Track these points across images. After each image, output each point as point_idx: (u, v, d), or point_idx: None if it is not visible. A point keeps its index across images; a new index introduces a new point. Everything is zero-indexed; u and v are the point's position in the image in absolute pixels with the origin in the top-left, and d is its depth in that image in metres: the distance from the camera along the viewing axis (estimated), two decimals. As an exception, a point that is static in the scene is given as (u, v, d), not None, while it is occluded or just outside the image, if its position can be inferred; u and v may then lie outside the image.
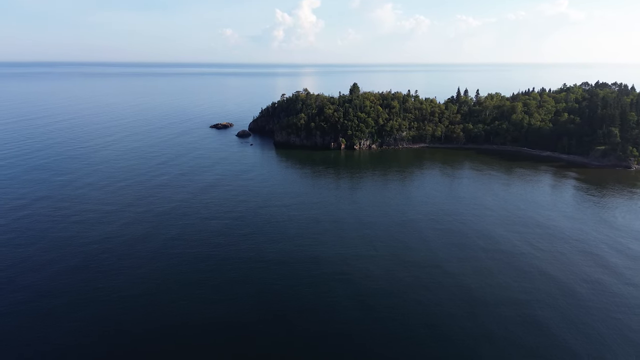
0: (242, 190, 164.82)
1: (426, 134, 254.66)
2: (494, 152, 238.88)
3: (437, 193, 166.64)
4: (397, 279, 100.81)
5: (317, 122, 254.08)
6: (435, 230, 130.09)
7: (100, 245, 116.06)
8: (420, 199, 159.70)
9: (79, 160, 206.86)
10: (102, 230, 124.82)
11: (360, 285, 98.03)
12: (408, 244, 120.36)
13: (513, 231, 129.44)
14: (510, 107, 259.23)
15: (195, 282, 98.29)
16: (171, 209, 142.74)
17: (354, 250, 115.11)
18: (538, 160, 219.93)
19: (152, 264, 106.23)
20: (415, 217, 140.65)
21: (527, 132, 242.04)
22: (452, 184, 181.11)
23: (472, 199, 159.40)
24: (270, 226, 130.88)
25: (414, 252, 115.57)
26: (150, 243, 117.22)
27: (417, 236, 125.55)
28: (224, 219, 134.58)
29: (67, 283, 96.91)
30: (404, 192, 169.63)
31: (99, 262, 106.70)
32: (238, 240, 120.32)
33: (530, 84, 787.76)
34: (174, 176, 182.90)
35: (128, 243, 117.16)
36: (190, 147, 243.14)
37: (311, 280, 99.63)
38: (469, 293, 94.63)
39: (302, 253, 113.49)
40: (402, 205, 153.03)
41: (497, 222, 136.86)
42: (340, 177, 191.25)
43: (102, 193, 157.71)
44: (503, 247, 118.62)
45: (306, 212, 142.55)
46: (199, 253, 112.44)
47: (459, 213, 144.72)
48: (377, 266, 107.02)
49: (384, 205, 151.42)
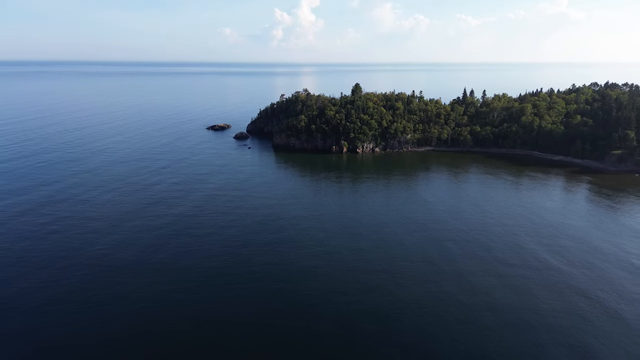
0: (240, 203, 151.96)
1: (432, 137, 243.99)
2: (503, 155, 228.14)
3: (449, 200, 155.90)
4: (422, 300, 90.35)
5: (318, 124, 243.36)
6: (455, 241, 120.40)
7: (81, 275, 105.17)
8: (431, 206, 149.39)
9: (66, 168, 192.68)
10: (83, 255, 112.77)
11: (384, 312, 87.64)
12: (429, 257, 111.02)
13: (539, 243, 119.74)
14: (520, 108, 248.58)
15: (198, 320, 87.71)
16: (164, 225, 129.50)
17: (373, 270, 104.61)
18: (550, 164, 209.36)
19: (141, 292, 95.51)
20: (431, 227, 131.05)
21: (538, 135, 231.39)
22: (463, 189, 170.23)
23: (487, 206, 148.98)
24: (273, 244, 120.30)
25: (435, 266, 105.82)
26: (138, 269, 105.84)
27: (437, 248, 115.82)
28: (221, 239, 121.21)
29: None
30: (413, 198, 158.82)
31: (82, 293, 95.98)
32: (236, 263, 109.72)
33: (533, 83, 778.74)
34: (168, 186, 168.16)
35: (114, 268, 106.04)
36: (187, 153, 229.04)
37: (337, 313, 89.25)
38: (504, 315, 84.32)
39: (324, 283, 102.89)
40: (414, 213, 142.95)
41: (520, 232, 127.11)
42: (345, 183, 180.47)
43: (87, 207, 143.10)
44: (531, 261, 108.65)
45: (317, 230, 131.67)
46: (197, 283, 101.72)
47: (475, 221, 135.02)
48: (395, 283, 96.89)
49: (395, 213, 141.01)
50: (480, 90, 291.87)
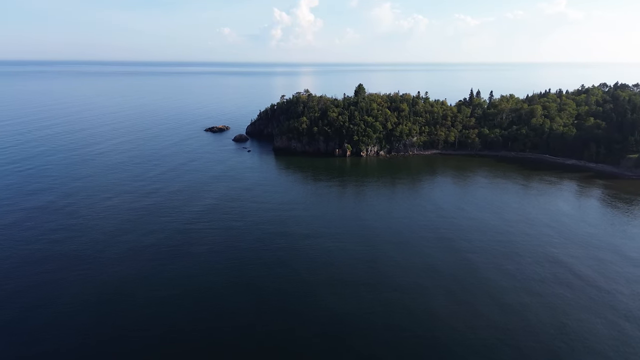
0: (241, 216, 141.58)
1: (438, 140, 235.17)
2: (512, 159, 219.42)
3: (463, 206, 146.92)
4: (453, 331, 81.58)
5: (320, 127, 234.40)
6: (476, 253, 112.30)
7: (68, 297, 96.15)
8: (445, 213, 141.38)
9: (57, 175, 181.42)
10: (68, 280, 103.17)
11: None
12: (453, 271, 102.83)
13: (569, 254, 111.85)
14: (529, 110, 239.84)
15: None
16: (161, 240, 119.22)
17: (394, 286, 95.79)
18: (563, 169, 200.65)
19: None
20: (449, 236, 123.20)
21: (549, 137, 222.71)
22: (477, 195, 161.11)
23: (505, 213, 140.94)
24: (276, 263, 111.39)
25: (460, 282, 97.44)
26: (133, 295, 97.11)
27: (459, 261, 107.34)
28: (224, 261, 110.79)
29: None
30: (424, 205, 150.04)
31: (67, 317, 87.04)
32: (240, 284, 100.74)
33: (535, 84, 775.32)
34: (164, 196, 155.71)
35: (109, 287, 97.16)
36: (184, 157, 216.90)
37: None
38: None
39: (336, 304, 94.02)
40: (429, 221, 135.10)
41: (545, 242, 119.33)
42: (353, 189, 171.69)
43: (78, 221, 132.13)
44: (564, 276, 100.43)
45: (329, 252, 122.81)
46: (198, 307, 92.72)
47: (494, 230, 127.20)
48: (420, 302, 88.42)
49: (408, 222, 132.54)
50: (485, 90, 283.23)
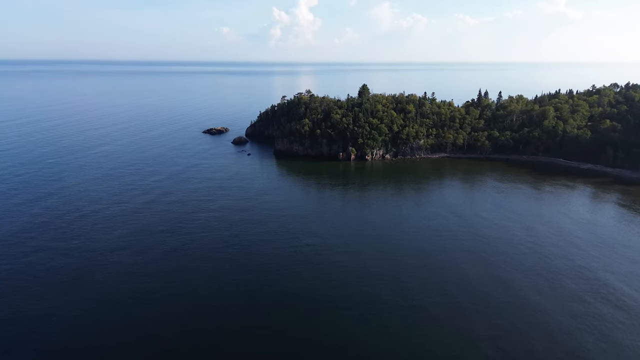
0: (244, 233, 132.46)
1: (446, 143, 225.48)
2: (524, 163, 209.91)
3: (482, 213, 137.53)
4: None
5: (323, 129, 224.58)
6: (506, 268, 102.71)
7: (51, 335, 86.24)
8: (464, 221, 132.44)
9: (47, 184, 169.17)
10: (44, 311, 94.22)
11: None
12: (483, 287, 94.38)
13: (609, 270, 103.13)
14: (541, 111, 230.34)
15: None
16: (155, 261, 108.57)
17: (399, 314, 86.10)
18: (578, 173, 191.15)
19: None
20: (471, 247, 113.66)
21: (562, 140, 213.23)
22: (494, 201, 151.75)
23: (529, 222, 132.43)
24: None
25: (494, 298, 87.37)
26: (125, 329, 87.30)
27: (487, 274, 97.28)
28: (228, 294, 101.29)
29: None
30: (440, 212, 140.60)
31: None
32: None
33: (538, 84, 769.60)
34: (159, 209, 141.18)
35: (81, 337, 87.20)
36: (182, 164, 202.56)
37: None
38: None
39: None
40: (448, 230, 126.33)
41: (578, 255, 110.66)
42: (362, 196, 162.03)
43: (65, 235, 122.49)
44: (608, 295, 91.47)
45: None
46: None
47: (521, 242, 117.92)
48: (455, 324, 78.61)
49: (428, 231, 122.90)
50: (491, 91, 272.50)
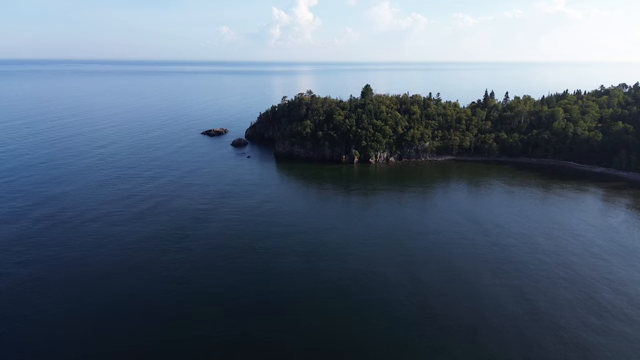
0: (249, 245, 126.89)
1: (452, 145, 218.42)
2: (534, 166, 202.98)
3: (498, 220, 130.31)
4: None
5: (325, 131, 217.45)
6: (540, 289, 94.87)
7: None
8: (484, 229, 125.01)
9: (39, 191, 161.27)
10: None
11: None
12: (514, 304, 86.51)
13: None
14: (550, 113, 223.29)
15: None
16: (152, 289, 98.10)
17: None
18: (591, 177, 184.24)
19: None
20: (497, 260, 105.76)
21: (573, 143, 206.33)
22: (509, 208, 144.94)
23: (553, 229, 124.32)
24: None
25: (531, 317, 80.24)
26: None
27: (523, 299, 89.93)
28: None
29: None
30: (457, 218, 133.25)
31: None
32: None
33: (545, 83, 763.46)
34: (158, 219, 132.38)
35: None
36: (180, 169, 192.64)
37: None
38: None
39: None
40: (468, 238, 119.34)
41: (615, 268, 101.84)
42: (369, 200, 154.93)
43: (51, 251, 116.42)
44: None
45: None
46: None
47: (546, 250, 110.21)
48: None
49: (447, 242, 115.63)
50: (496, 91, 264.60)
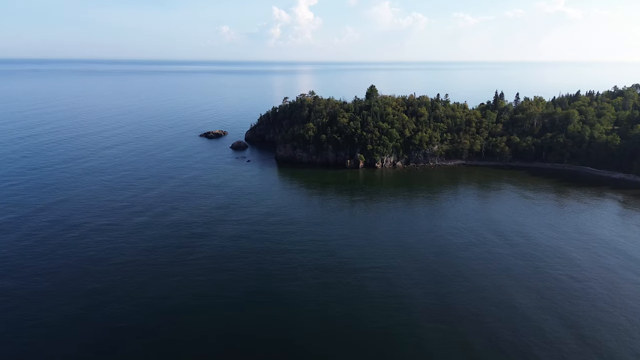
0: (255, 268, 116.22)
1: (462, 149, 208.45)
2: (548, 172, 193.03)
3: (525, 230, 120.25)
4: None
5: (329, 134, 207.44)
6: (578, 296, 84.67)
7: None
8: (508, 240, 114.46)
9: (23, 201, 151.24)
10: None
11: None
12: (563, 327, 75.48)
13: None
14: (564, 115, 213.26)
15: None
16: (159, 322, 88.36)
17: None
18: (610, 184, 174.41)
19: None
20: (529, 278, 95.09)
21: (589, 147, 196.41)
22: (530, 215, 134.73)
23: (588, 241, 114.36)
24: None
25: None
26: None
27: (571, 327, 79.87)
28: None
29: None
30: (479, 229, 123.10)
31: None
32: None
33: (545, 83, 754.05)
34: (155, 234, 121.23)
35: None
36: (177, 176, 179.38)
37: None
38: None
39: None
40: (493, 252, 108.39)
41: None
42: (380, 209, 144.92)
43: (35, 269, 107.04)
44: None
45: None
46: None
47: (583, 265, 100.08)
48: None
49: (476, 258, 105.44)
50: (500, 91, 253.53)
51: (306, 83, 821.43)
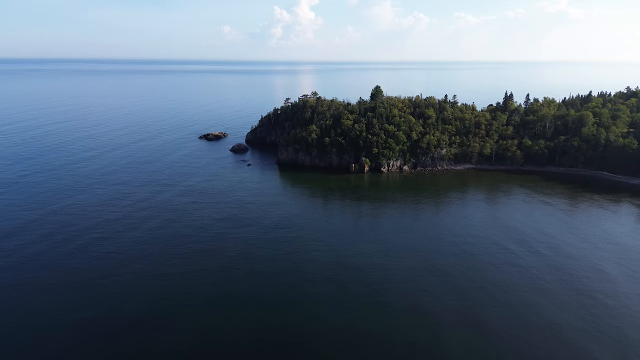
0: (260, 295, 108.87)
1: (472, 152, 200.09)
2: (563, 177, 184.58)
3: (556, 242, 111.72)
4: None
5: (332, 137, 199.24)
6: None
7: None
8: (543, 254, 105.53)
9: (8, 210, 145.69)
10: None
11: None
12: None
13: None
14: (577, 117, 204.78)
15: None
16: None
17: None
18: (628, 190, 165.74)
19: None
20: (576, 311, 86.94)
21: (605, 150, 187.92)
22: (557, 224, 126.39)
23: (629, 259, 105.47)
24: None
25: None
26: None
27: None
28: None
29: None
30: (506, 242, 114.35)
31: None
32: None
33: (550, 83, 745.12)
34: (152, 250, 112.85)
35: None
36: (175, 183, 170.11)
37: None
38: None
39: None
40: (528, 275, 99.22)
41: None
42: (378, 215, 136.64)
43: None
44: None
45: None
46: None
47: (616, 279, 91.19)
48: None
49: (506, 276, 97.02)
50: (504, 92, 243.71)
51: (308, 83, 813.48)
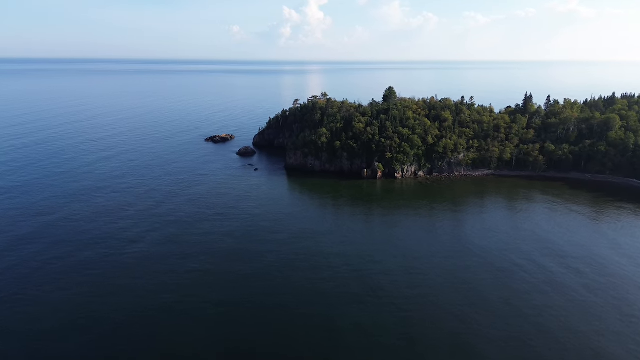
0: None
1: (491, 157, 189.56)
2: (590, 184, 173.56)
3: (600, 260, 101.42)
4: None
5: (343, 140, 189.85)
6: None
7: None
8: (592, 276, 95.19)
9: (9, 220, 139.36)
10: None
11: None
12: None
13: None
14: (603, 120, 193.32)
15: None
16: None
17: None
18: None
19: None
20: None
21: (634, 156, 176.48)
22: (596, 237, 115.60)
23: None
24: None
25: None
26: None
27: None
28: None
29: None
30: (544, 261, 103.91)
31: None
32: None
33: (562, 83, 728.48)
34: (153, 268, 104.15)
35: None
36: (177, 194, 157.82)
37: None
38: None
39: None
40: (578, 304, 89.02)
41: None
42: (394, 225, 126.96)
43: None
44: None
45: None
46: None
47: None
48: None
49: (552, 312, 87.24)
50: (515, 92, 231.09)
51: (317, 83, 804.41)
